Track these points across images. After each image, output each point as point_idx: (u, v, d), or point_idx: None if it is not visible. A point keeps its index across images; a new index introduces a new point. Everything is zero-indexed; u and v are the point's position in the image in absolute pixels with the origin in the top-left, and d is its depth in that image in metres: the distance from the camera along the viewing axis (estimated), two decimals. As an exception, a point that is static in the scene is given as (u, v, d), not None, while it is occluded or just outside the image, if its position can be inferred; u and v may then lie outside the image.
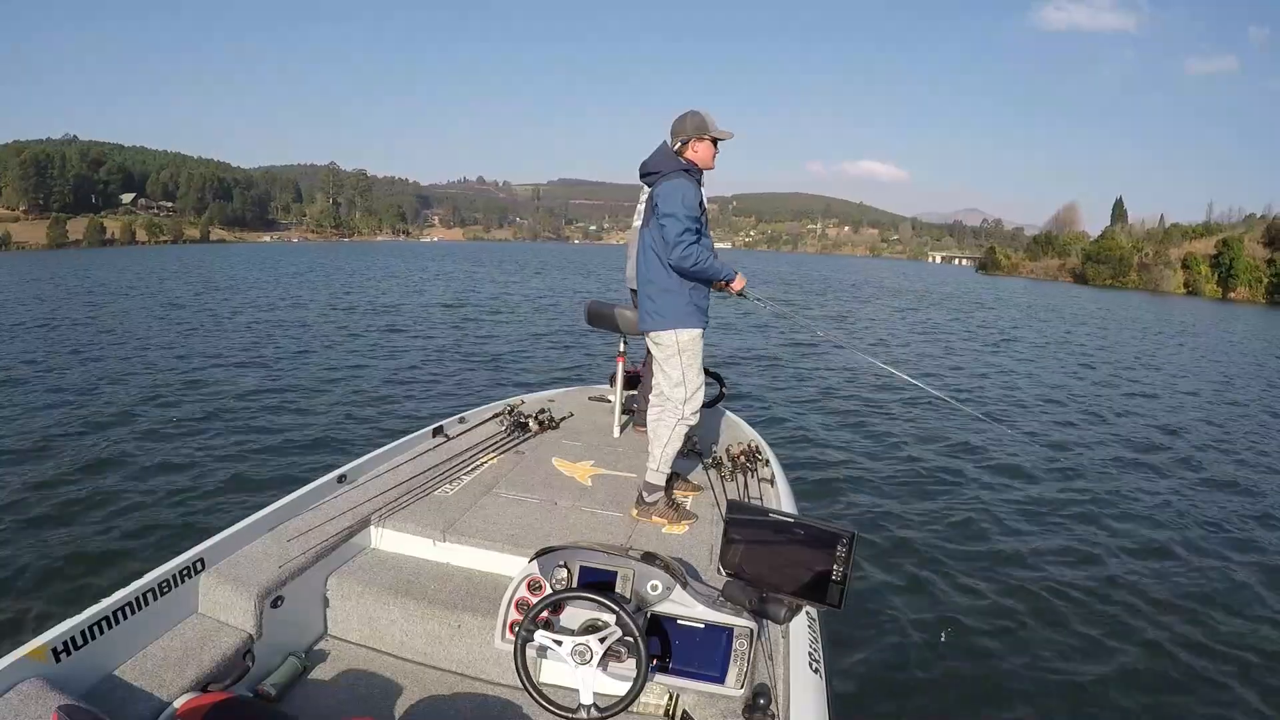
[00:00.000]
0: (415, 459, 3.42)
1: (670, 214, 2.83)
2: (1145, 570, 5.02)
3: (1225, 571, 5.08)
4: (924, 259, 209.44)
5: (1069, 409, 10.49)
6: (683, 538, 2.82)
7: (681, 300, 2.94)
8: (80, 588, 3.96)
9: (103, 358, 10.89)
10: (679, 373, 2.99)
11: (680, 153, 2.96)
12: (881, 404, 9.91)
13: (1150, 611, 4.43)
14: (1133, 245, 76.96)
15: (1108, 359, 16.55)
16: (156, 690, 1.89)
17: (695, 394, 3.02)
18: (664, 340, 2.99)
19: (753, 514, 1.93)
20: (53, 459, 6.11)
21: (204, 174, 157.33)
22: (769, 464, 3.62)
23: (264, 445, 6.72)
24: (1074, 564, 5.03)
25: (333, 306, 19.54)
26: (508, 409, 4.32)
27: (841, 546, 1.70)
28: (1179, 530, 5.82)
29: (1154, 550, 5.37)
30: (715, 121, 2.95)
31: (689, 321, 2.96)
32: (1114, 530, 5.69)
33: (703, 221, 2.96)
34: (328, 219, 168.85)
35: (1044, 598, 4.51)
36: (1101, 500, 6.39)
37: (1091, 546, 5.33)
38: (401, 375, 10.44)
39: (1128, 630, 4.21)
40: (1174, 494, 6.78)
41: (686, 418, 3.02)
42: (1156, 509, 6.30)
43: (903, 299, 34.15)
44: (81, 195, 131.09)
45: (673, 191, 2.84)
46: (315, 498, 2.89)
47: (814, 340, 10.57)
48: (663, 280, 2.95)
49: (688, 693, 2.00)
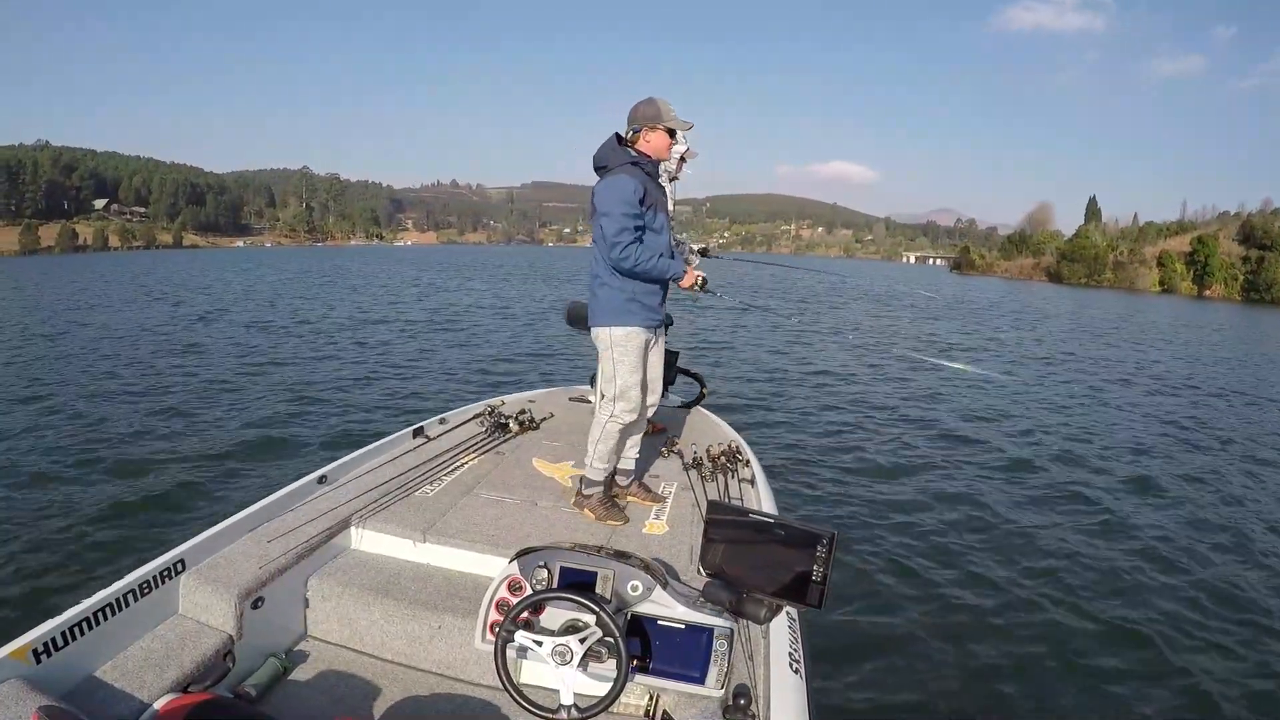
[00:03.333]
0: (395, 460, 3.42)
1: (606, 213, 2.79)
2: (1134, 569, 5.11)
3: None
4: (898, 259, 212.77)
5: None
6: (663, 538, 2.84)
7: (618, 297, 2.90)
8: (60, 589, 3.90)
9: (78, 361, 10.74)
10: (610, 369, 2.97)
11: (634, 142, 2.90)
12: (863, 404, 10.00)
13: (1143, 611, 4.52)
14: (1107, 244, 77.12)
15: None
16: (137, 691, 1.88)
17: (625, 393, 2.96)
18: (599, 336, 2.98)
19: (733, 514, 1.95)
20: (29, 461, 6.01)
21: (176, 179, 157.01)
22: (749, 464, 3.65)
23: (244, 446, 6.66)
24: (1059, 563, 5.11)
25: (306, 310, 19.39)
26: (488, 410, 4.32)
27: (822, 547, 1.71)
28: (1169, 527, 5.94)
29: (1144, 549, 5.44)
30: (672, 111, 2.87)
31: (623, 319, 2.91)
32: (1104, 531, 5.78)
33: (655, 214, 2.90)
34: (301, 223, 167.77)
35: (1027, 597, 4.58)
36: (1091, 499, 6.49)
37: (1076, 546, 5.42)
38: (381, 376, 10.38)
39: (1113, 629, 4.28)
40: (1168, 494, 6.91)
41: (616, 415, 2.98)
42: (1146, 506, 6.42)
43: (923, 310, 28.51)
44: (54, 201, 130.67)
45: (609, 189, 2.79)
46: (295, 499, 2.88)
47: (803, 338, 10.58)
48: (603, 276, 2.91)
49: (668, 693, 2.02)
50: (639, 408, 3.02)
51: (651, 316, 2.98)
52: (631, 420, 3.01)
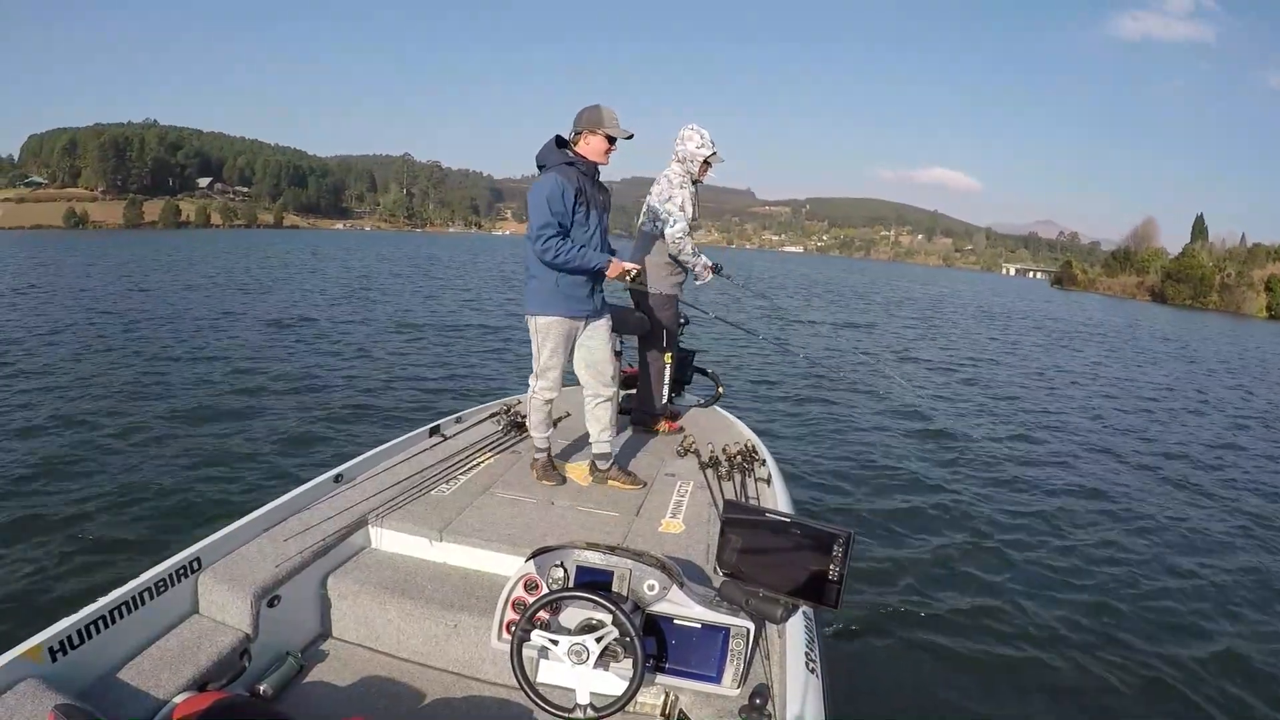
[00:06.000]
0: (412, 459, 3.42)
1: (532, 208, 3.01)
2: (1148, 573, 5.04)
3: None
4: (997, 271, 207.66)
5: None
6: (679, 537, 2.82)
7: (544, 287, 3.11)
8: (76, 587, 3.94)
9: (100, 350, 10.85)
10: (535, 351, 3.23)
11: (574, 143, 3.07)
12: (879, 405, 9.93)
13: (1155, 615, 4.46)
14: (1214, 265, 71.87)
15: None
16: (153, 690, 1.89)
17: (545, 373, 3.23)
18: (528, 322, 3.22)
19: (750, 514, 1.93)
20: (45, 456, 6.08)
21: (280, 160, 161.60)
22: (766, 464, 3.62)
23: (260, 444, 6.71)
24: (1077, 567, 5.05)
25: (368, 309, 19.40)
26: (504, 409, 4.32)
27: (838, 547, 1.70)
28: (1190, 535, 5.85)
29: (1166, 558, 5.38)
30: (612, 119, 3.04)
31: (547, 308, 3.13)
32: (1123, 536, 5.70)
33: (589, 212, 3.08)
34: (401, 209, 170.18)
35: (1045, 598, 4.53)
36: (1105, 511, 6.39)
37: (1091, 549, 5.35)
38: (398, 374, 10.42)
39: (1128, 632, 4.23)
40: (1205, 507, 6.79)
41: (538, 392, 3.27)
42: (1182, 514, 6.32)
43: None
44: (159, 178, 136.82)
45: (536, 188, 3.00)
46: (312, 497, 2.89)
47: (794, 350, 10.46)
48: (532, 268, 3.13)
49: (684, 693, 2.00)
50: (557, 386, 3.28)
51: (575, 307, 3.17)
52: (551, 397, 3.28)
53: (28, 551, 4.39)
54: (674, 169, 4.05)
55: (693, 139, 3.99)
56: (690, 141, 3.98)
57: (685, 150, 3.99)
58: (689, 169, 4.03)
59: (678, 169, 4.04)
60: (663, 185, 4.05)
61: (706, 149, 3.99)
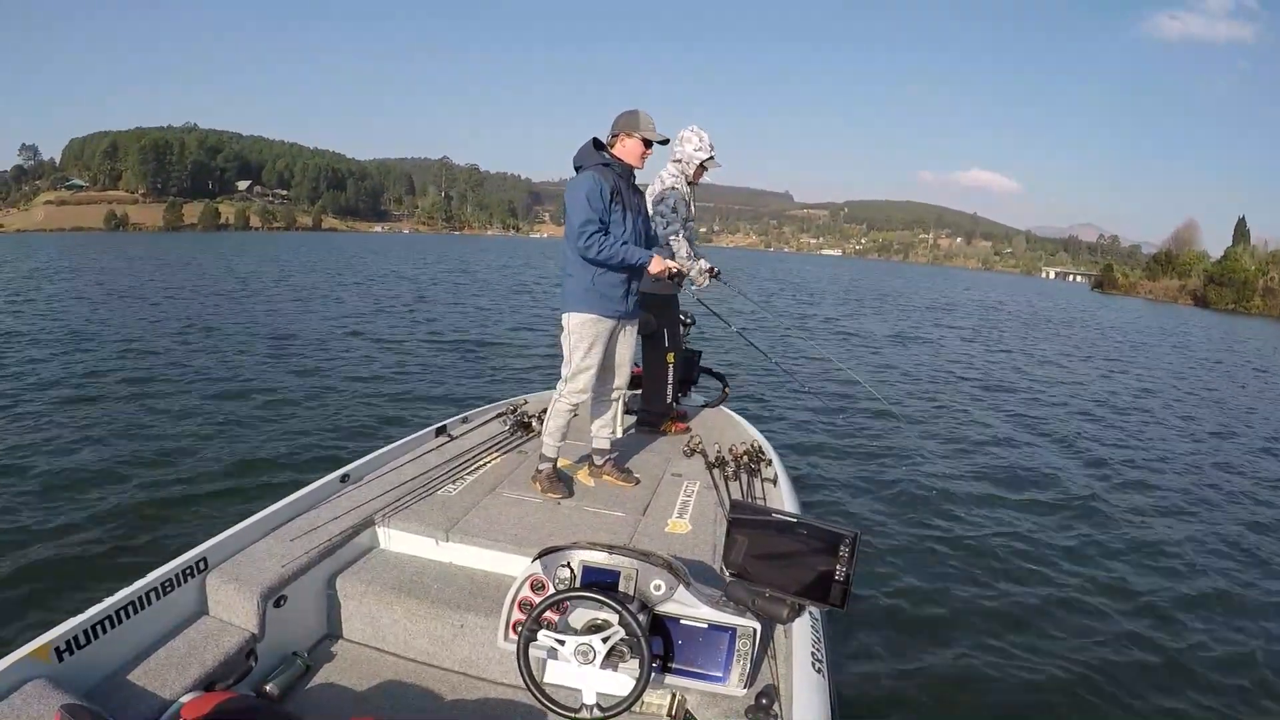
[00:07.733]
0: (418, 459, 3.42)
1: (572, 206, 3.01)
2: (1162, 574, 5.00)
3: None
4: (1037, 274, 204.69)
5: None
6: (686, 537, 2.81)
7: (579, 285, 3.09)
8: (82, 587, 3.95)
9: (109, 347, 10.89)
10: (567, 352, 3.18)
11: (611, 145, 3.10)
12: (885, 404, 9.88)
13: (1168, 614, 4.41)
14: (1257, 268, 68.36)
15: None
16: (159, 690, 1.89)
17: (576, 375, 3.16)
18: (562, 321, 3.18)
19: (756, 514, 1.92)
20: (52, 455, 6.10)
21: (319, 164, 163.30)
22: (772, 464, 3.62)
23: (267, 444, 6.71)
24: (1085, 567, 5.00)
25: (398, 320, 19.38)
26: (510, 409, 4.32)
27: (845, 547, 1.70)
28: (1210, 538, 5.80)
29: (1173, 564, 5.31)
30: (648, 123, 3.06)
31: (581, 306, 3.11)
32: (1131, 540, 5.64)
33: (624, 213, 3.08)
34: (439, 211, 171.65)
35: (1054, 598, 4.49)
36: (1118, 515, 6.28)
37: (1104, 551, 5.30)
38: (405, 374, 10.42)
39: (1141, 631, 4.18)
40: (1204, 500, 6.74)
41: (566, 395, 3.20)
42: (1181, 522, 6.26)
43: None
44: (199, 181, 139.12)
45: (575, 187, 3.01)
46: (318, 497, 2.90)
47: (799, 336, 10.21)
48: (569, 266, 3.11)
49: (691, 693, 2.00)
50: (588, 390, 3.21)
51: (611, 307, 3.13)
52: (580, 401, 3.23)
53: (35, 552, 4.40)
54: (670, 169, 4.06)
55: (691, 141, 3.99)
56: (689, 143, 3.99)
57: (683, 151, 4.00)
58: (685, 170, 4.03)
59: (673, 169, 4.05)
60: (656, 186, 4.05)
61: (704, 152, 4.00)
